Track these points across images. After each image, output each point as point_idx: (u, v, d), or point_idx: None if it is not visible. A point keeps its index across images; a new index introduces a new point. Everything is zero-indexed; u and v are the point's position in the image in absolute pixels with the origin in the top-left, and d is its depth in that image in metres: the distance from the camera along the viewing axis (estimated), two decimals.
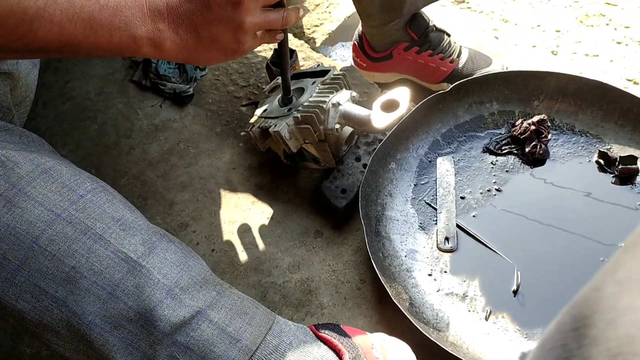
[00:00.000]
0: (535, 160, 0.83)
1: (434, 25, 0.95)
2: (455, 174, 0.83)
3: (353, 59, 1.08)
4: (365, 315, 0.76)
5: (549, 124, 0.85)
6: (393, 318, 0.73)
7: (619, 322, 0.23)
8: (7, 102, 0.66)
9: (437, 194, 0.82)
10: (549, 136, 0.83)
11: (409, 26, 0.92)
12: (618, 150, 0.83)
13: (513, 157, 0.85)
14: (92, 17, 0.52)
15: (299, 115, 0.75)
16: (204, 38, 0.57)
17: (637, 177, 0.80)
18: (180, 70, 1.01)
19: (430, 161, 0.85)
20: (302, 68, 0.94)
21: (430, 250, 0.78)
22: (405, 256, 0.77)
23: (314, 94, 0.78)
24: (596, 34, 1.08)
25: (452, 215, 0.79)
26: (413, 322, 0.67)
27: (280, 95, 0.82)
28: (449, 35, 0.99)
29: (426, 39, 0.94)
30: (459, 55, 0.99)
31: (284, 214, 0.86)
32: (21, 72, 0.68)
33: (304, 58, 1.04)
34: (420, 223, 0.80)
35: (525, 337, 0.69)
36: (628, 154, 0.80)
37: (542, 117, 0.84)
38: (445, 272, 0.75)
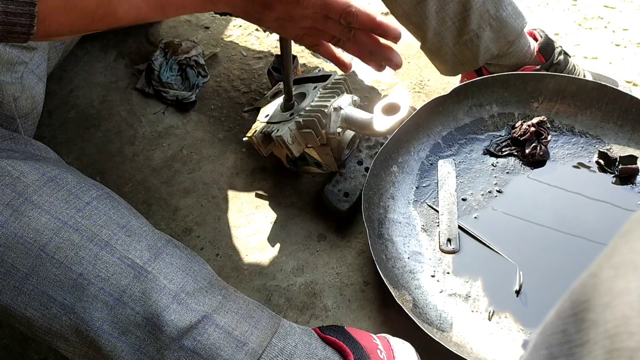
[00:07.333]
0: (536, 161, 0.84)
1: (561, 47, 0.91)
2: (457, 176, 0.84)
3: None
4: (369, 317, 0.76)
5: (549, 126, 0.85)
6: (397, 319, 0.73)
7: (615, 304, 0.24)
8: (10, 111, 0.67)
9: (439, 196, 0.82)
10: (549, 137, 0.84)
11: (537, 49, 0.90)
12: (618, 150, 0.83)
13: (513, 158, 0.85)
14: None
15: (301, 120, 0.76)
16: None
17: (637, 176, 0.80)
18: (182, 77, 1.02)
19: (431, 164, 0.86)
20: (302, 73, 0.95)
21: (432, 251, 0.78)
22: (408, 258, 0.78)
23: (316, 99, 0.79)
24: (595, 36, 1.08)
25: (453, 217, 0.80)
26: (417, 323, 0.67)
27: (282, 100, 0.82)
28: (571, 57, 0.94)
29: (554, 62, 0.90)
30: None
31: (288, 218, 0.87)
32: (25, 85, 0.69)
33: (304, 64, 1.05)
34: (423, 225, 0.81)
35: (529, 337, 0.70)
36: (628, 153, 0.81)
37: (541, 119, 0.84)
38: (448, 273, 0.76)
